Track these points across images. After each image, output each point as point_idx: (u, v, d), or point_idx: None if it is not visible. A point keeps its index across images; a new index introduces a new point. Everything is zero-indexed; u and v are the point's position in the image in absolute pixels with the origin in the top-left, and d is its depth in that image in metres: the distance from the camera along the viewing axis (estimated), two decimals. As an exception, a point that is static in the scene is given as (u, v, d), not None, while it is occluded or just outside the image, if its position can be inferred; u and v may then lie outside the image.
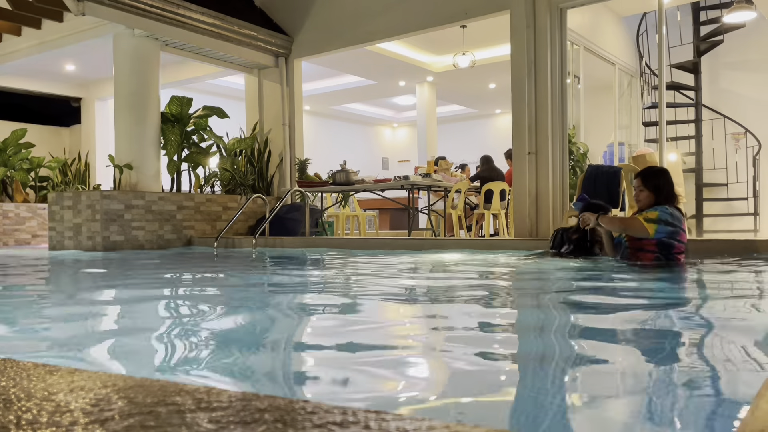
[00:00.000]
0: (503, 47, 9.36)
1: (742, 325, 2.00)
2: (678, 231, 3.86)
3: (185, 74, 10.04)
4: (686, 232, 3.96)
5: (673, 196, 3.97)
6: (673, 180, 4.08)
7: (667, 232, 3.83)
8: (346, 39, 8.55)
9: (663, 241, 3.84)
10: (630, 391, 1.24)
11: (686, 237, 3.95)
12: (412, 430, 0.59)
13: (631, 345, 1.72)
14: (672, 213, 3.86)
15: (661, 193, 3.93)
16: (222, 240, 7.36)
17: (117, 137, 7.77)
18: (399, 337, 1.90)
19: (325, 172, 9.77)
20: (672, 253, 3.87)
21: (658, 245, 3.86)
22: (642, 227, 3.87)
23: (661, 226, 3.83)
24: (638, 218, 3.93)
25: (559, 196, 6.68)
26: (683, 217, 3.97)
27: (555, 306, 2.48)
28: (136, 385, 0.76)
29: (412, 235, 8.17)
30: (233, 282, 3.63)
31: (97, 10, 6.94)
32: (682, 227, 3.90)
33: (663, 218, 3.83)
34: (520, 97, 6.78)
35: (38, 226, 9.79)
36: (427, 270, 4.30)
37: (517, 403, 1.18)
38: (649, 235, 3.85)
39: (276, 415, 0.64)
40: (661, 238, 3.84)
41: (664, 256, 3.86)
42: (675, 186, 4.09)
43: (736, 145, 9.18)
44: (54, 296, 3.25)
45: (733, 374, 1.35)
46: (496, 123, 15.98)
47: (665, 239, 3.84)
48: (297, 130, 9.19)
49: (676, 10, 8.98)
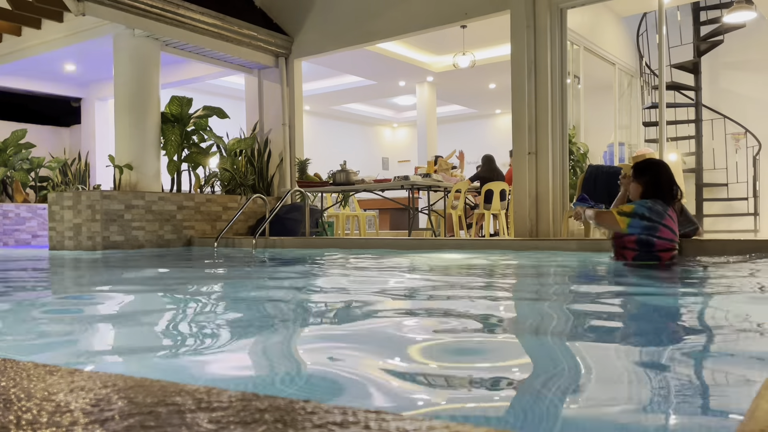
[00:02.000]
0: (503, 47, 9.37)
1: (742, 325, 2.00)
2: (656, 227, 3.65)
3: (185, 74, 10.04)
4: (670, 229, 3.72)
5: (665, 190, 3.76)
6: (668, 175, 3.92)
7: (642, 227, 3.65)
8: (346, 39, 8.56)
9: (642, 238, 3.67)
10: (629, 391, 1.24)
11: (671, 234, 3.72)
12: (412, 430, 0.59)
13: (627, 345, 1.72)
14: (651, 207, 3.67)
15: (648, 186, 3.75)
16: (222, 240, 7.36)
17: (117, 137, 7.77)
18: (400, 336, 1.90)
19: (325, 172, 9.78)
20: (653, 251, 3.69)
21: (638, 243, 3.69)
22: (614, 221, 3.70)
23: (635, 220, 3.65)
24: (612, 211, 3.78)
25: (559, 196, 6.68)
26: (671, 213, 3.73)
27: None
28: (136, 385, 0.76)
29: (412, 235, 8.17)
30: (233, 282, 3.63)
31: (97, 10, 6.95)
32: (663, 222, 3.67)
33: (638, 212, 3.65)
34: (520, 97, 6.78)
35: (38, 226, 9.79)
36: (427, 268, 4.30)
37: (517, 402, 1.18)
38: (622, 230, 3.69)
39: (276, 415, 0.64)
40: (638, 235, 3.67)
41: (645, 254, 3.70)
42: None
43: (736, 145, 9.18)
44: (54, 296, 3.25)
45: (732, 374, 1.35)
46: (496, 123, 15.99)
47: (643, 236, 3.67)
48: (297, 130, 9.19)
49: (676, 10, 8.98)
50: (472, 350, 1.66)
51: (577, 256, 4.98)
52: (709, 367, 1.42)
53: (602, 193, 5.95)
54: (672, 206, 3.80)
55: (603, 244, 5.18)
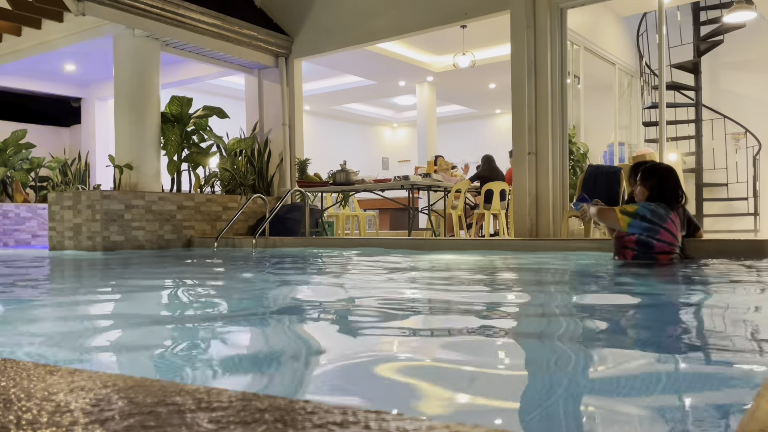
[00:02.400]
0: (503, 47, 9.37)
1: (742, 325, 2.00)
2: (657, 229, 3.70)
3: (185, 74, 10.04)
4: (671, 233, 3.74)
5: (670, 195, 3.80)
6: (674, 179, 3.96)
7: (642, 228, 3.69)
8: (346, 39, 8.56)
9: (641, 239, 3.72)
10: (629, 391, 1.24)
11: (671, 237, 3.75)
12: (412, 430, 0.59)
13: (627, 345, 1.72)
14: (654, 210, 3.71)
15: (654, 190, 3.80)
16: (222, 240, 7.36)
17: (117, 137, 7.77)
18: (400, 334, 1.90)
19: (325, 172, 9.78)
20: (651, 253, 3.73)
21: (638, 243, 3.74)
22: (615, 218, 3.75)
23: (636, 221, 3.69)
24: (615, 209, 3.84)
25: (559, 196, 6.69)
26: (673, 217, 3.74)
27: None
28: (136, 385, 0.76)
29: (412, 235, 8.17)
30: (233, 282, 3.63)
31: (97, 10, 6.95)
32: (664, 226, 3.71)
33: (641, 213, 3.70)
34: (520, 97, 6.78)
35: (38, 226, 9.79)
36: (427, 266, 4.30)
37: (516, 401, 1.18)
38: (622, 228, 3.73)
39: (276, 415, 0.64)
40: (638, 236, 3.72)
41: (644, 254, 3.73)
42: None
43: (736, 145, 9.18)
44: (54, 296, 3.25)
45: (732, 374, 1.35)
46: (496, 123, 15.99)
47: (643, 237, 3.71)
48: (297, 130, 9.19)
49: (676, 10, 8.98)
50: (471, 350, 1.66)
51: (576, 256, 4.98)
52: (708, 367, 1.42)
53: (602, 193, 5.95)
54: (675, 211, 3.81)
55: (603, 244, 5.17)
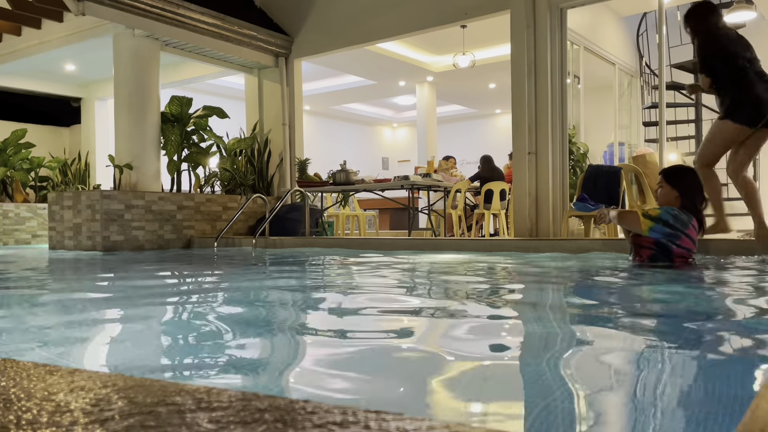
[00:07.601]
0: (503, 47, 9.37)
1: (741, 324, 2.00)
2: (678, 235, 3.68)
3: (185, 74, 10.04)
4: (691, 239, 3.73)
5: (695, 199, 3.78)
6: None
7: (664, 233, 3.67)
8: (346, 39, 8.56)
9: (660, 242, 3.70)
10: (629, 391, 1.24)
11: (691, 243, 3.74)
12: (412, 430, 0.59)
13: (628, 345, 1.72)
14: (677, 216, 3.68)
15: (686, 194, 3.76)
16: (222, 240, 7.36)
17: (117, 137, 7.77)
18: (401, 333, 1.91)
19: (325, 172, 9.78)
20: (669, 256, 3.71)
21: (656, 245, 3.71)
22: (636, 221, 3.71)
23: (659, 225, 3.66)
24: (637, 212, 3.80)
25: (559, 196, 6.68)
26: (695, 223, 3.73)
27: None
28: (136, 385, 0.76)
29: (412, 235, 8.17)
30: (233, 282, 3.63)
31: (97, 10, 6.95)
32: (686, 232, 3.69)
33: (663, 218, 3.66)
34: (520, 97, 6.78)
35: (38, 226, 9.79)
36: (427, 267, 4.30)
37: (516, 401, 1.18)
38: (642, 232, 3.70)
39: (276, 415, 0.64)
40: (658, 239, 3.70)
41: (661, 256, 3.72)
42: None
43: (736, 145, 9.16)
44: (54, 296, 3.24)
45: (733, 373, 1.35)
46: (496, 123, 15.99)
47: (663, 240, 3.69)
48: (297, 130, 9.19)
49: (676, 10, 8.97)
50: (472, 350, 1.66)
51: (577, 256, 4.98)
52: (708, 366, 1.42)
53: (602, 193, 5.95)
54: (696, 216, 3.78)
55: (603, 244, 5.18)
